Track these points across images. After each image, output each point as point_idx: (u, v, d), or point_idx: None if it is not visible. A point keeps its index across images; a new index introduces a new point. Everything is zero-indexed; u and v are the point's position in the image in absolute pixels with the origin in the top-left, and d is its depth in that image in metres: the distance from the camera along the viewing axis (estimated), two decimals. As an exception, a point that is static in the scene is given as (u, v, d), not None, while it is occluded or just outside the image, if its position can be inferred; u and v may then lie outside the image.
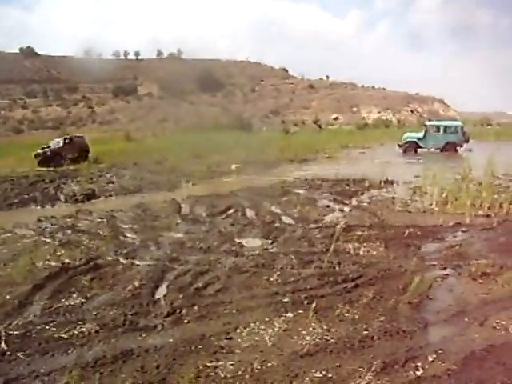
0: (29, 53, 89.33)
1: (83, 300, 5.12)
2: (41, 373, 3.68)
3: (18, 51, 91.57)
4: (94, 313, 4.73)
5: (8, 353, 4.00)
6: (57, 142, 22.48)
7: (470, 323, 4.37)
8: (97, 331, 4.31)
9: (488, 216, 8.81)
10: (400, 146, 24.86)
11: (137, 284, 5.45)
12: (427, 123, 26.30)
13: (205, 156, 21.24)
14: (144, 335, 4.25)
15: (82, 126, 61.72)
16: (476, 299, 4.94)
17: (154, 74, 76.76)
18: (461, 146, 24.21)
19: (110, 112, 72.97)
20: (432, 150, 24.11)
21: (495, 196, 10.02)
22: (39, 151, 21.86)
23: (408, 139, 24.75)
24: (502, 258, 6.12)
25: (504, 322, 4.35)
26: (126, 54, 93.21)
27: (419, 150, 24.36)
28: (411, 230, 7.72)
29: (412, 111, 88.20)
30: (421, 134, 24.67)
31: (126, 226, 8.62)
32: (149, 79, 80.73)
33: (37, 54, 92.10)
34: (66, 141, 22.43)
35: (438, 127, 24.62)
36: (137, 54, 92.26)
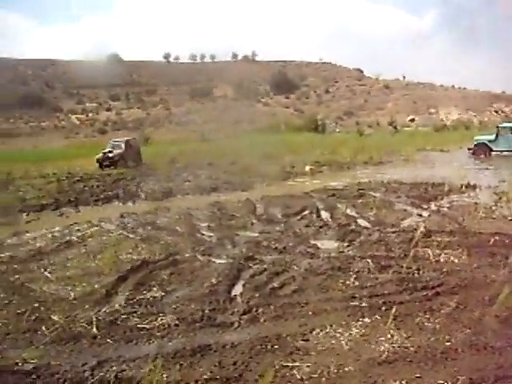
0: (114, 59, 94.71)
1: (163, 293, 5.34)
2: (127, 358, 3.89)
3: (105, 58, 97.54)
4: (174, 306, 4.92)
5: (98, 337, 4.28)
6: (117, 146, 23.28)
7: None
8: (176, 324, 4.46)
9: None
10: (470, 149, 23.26)
11: (214, 281, 5.59)
12: (500, 125, 24.30)
13: (279, 157, 21.34)
14: (221, 331, 4.33)
15: (159, 127, 64.33)
16: None
17: (229, 76, 78.42)
18: None
19: (186, 113, 75.44)
20: (505, 153, 22.18)
21: None
22: (102, 155, 22.60)
23: (479, 141, 23.08)
24: None
25: None
26: (202, 57, 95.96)
27: (493, 153, 22.63)
28: (497, 237, 7.24)
29: (496, 111, 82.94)
30: (492, 137, 22.86)
31: (203, 224, 8.87)
32: (224, 81, 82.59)
33: (121, 59, 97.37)
34: (128, 145, 23.39)
35: (511, 128, 22.51)
36: (212, 57, 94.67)
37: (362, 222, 8.68)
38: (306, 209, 9.96)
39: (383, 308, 4.67)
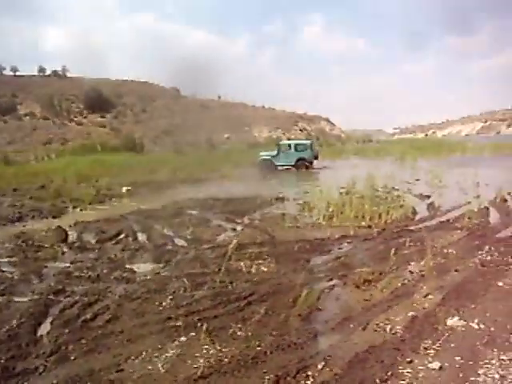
0: None
1: None
2: None
3: None
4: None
5: None
6: None
7: (354, 329, 4.65)
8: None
9: (370, 227, 9.51)
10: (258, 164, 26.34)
11: (15, 323, 4.98)
12: (280, 142, 28.43)
13: (94, 178, 20.32)
14: (22, 381, 3.87)
15: None
16: (359, 306, 5.28)
17: (37, 92, 72.01)
18: (311, 163, 26.43)
19: (-16, 134, 66.81)
20: (286, 167, 25.96)
21: (375, 208, 10.84)
22: None
23: (263, 158, 26.45)
24: (380, 265, 6.63)
25: (382, 324, 4.71)
26: (1, 68, 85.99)
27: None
28: (300, 244, 8.06)
29: (301, 130, 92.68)
30: (274, 153, 26.46)
31: (3, 260, 7.88)
32: (30, 97, 75.48)
33: None
34: None
35: (289, 145, 26.80)
36: (14, 69, 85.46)
37: (179, 241, 8.78)
38: (121, 232, 9.65)
39: (198, 324, 4.76)
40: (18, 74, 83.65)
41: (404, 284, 5.96)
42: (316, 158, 26.96)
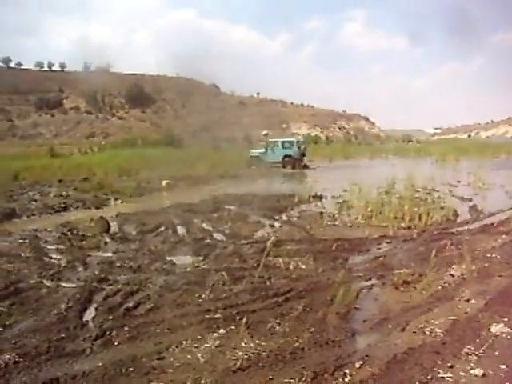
0: None
1: (0, 329, 4.79)
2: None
3: None
4: (14, 341, 4.41)
5: None
6: None
7: (392, 329, 4.61)
8: (16, 361, 4.01)
9: (409, 228, 9.35)
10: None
11: (63, 307, 5.19)
12: (268, 140, 28.73)
13: (135, 172, 20.81)
14: (71, 361, 4.04)
15: (0, 140, 58.11)
16: (398, 307, 5.23)
17: (81, 87, 74.15)
18: (298, 160, 26.61)
19: (32, 126, 69.28)
20: (273, 163, 26.34)
21: (415, 209, 10.65)
22: None
23: (252, 154, 27.11)
24: (420, 267, 6.52)
25: (422, 326, 4.64)
26: (50, 65, 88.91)
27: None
28: (338, 243, 8.01)
29: (339, 128, 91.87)
30: (263, 150, 27.00)
31: (51, 247, 8.23)
32: (75, 92, 77.83)
33: None
34: None
35: (276, 143, 27.30)
36: (62, 65, 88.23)
37: (218, 236, 8.90)
38: (161, 225, 9.87)
39: (237, 318, 4.83)
40: (65, 70, 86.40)
41: (444, 287, 5.83)
42: (303, 155, 27.42)
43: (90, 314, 5.11)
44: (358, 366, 3.89)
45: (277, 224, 10.05)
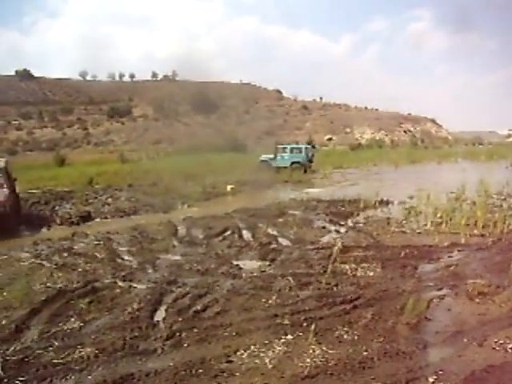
0: (24, 75, 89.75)
1: (81, 324, 5.08)
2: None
3: (14, 74, 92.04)
4: (93, 337, 4.69)
5: (5, 380, 3.95)
6: None
7: (468, 344, 4.38)
8: (96, 355, 4.26)
9: (483, 235, 8.89)
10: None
11: (135, 307, 5.42)
12: (277, 146, 28.72)
13: (200, 177, 21.30)
14: (144, 359, 4.22)
15: (76, 148, 61.74)
16: (474, 319, 4.97)
17: (149, 96, 77.29)
18: (306, 166, 26.98)
19: (104, 133, 73.11)
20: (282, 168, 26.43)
21: (489, 215, 10.11)
22: None
23: (262, 159, 27.57)
24: (498, 278, 6.17)
25: (502, 342, 4.37)
26: (121, 75, 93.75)
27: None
28: (407, 250, 7.76)
29: (405, 131, 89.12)
30: (272, 155, 27.31)
31: (123, 249, 8.61)
32: (144, 101, 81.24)
33: (32, 76, 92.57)
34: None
35: (284, 148, 27.76)
36: (132, 75, 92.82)
37: (283, 241, 8.90)
38: (227, 229, 10.00)
39: (304, 324, 4.81)
40: (134, 79, 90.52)
41: (526, 301, 5.47)
42: (311, 161, 27.95)
43: (160, 315, 5.27)
44: (431, 380, 3.74)
45: (342, 230, 9.90)
